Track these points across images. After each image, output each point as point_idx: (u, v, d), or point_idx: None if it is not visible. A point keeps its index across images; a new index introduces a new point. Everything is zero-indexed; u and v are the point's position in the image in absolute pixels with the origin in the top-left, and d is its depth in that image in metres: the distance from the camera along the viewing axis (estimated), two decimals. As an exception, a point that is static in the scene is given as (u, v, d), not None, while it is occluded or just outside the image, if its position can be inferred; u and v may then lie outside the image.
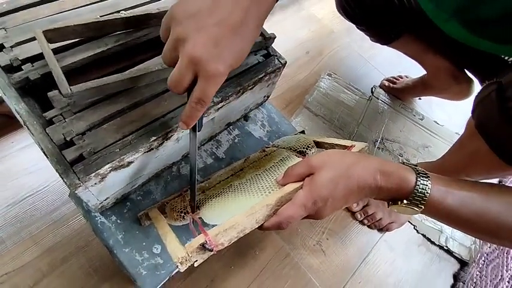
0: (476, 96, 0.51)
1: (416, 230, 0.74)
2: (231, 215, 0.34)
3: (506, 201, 0.33)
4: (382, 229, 0.71)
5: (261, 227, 0.35)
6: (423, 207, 0.33)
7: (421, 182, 0.33)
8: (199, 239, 0.31)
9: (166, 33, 0.30)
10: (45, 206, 0.56)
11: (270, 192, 0.38)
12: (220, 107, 0.47)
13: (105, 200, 0.43)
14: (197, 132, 0.37)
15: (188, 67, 0.28)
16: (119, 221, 0.45)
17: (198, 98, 0.30)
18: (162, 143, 0.42)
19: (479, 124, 0.49)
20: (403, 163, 0.36)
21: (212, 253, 0.32)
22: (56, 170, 0.35)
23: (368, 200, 0.71)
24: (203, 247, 0.31)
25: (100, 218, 0.44)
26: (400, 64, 0.98)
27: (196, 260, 0.31)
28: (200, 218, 0.41)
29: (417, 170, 0.34)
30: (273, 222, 0.34)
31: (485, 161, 0.51)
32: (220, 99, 0.45)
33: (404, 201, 0.33)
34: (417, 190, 0.32)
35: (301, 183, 0.35)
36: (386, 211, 0.70)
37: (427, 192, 0.32)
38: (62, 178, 0.34)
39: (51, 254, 0.53)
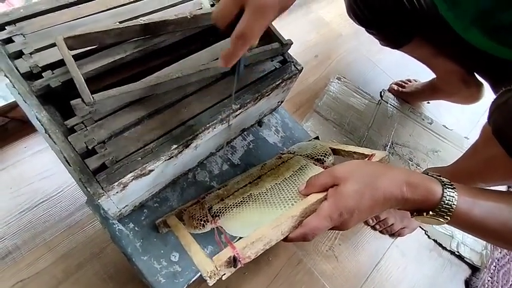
0: (493, 103, 0.51)
1: (427, 235, 0.74)
2: (255, 226, 0.33)
3: None
4: (394, 234, 0.71)
5: (286, 239, 0.34)
6: (449, 218, 0.32)
7: (448, 193, 0.32)
8: (227, 252, 0.31)
9: None
10: (59, 212, 0.56)
11: (293, 204, 0.37)
12: (238, 114, 0.47)
13: (124, 207, 0.43)
14: (236, 77, 0.35)
15: None
16: (136, 228, 0.45)
17: (241, 33, 0.28)
18: (182, 151, 0.41)
19: (497, 130, 0.49)
20: (427, 173, 0.36)
21: (239, 266, 0.31)
22: (79, 179, 0.35)
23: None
24: (231, 260, 0.30)
25: (118, 226, 0.44)
26: (408, 68, 0.98)
27: (225, 274, 0.31)
28: (221, 227, 0.41)
29: (443, 181, 0.34)
30: (298, 233, 0.33)
31: (501, 167, 0.51)
32: (238, 106, 0.45)
33: (430, 213, 0.32)
34: (444, 201, 0.32)
35: (325, 193, 0.35)
36: (398, 216, 0.70)
37: (453, 204, 0.32)
38: (86, 187, 0.34)
39: (66, 261, 0.52)
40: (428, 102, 0.97)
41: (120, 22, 0.46)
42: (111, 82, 0.46)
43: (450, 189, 0.33)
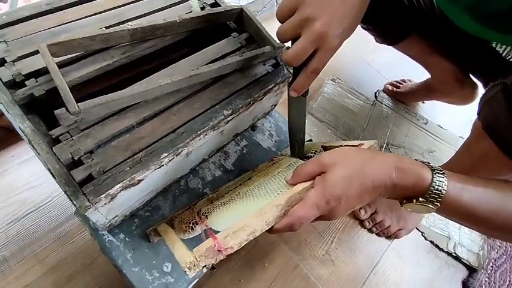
0: (482, 98, 0.51)
1: (424, 236, 0.73)
2: (240, 219, 0.32)
3: None
4: (390, 236, 0.70)
5: (271, 230, 0.33)
6: (439, 204, 0.31)
7: (438, 178, 0.32)
8: (208, 242, 0.30)
9: (289, 13, 0.35)
10: (49, 222, 0.54)
11: (279, 194, 0.36)
12: (230, 120, 0.46)
13: (113, 218, 0.41)
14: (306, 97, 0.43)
15: (314, 42, 0.33)
16: (127, 238, 0.44)
17: (316, 68, 0.36)
18: (172, 159, 0.40)
19: (487, 125, 0.49)
20: (416, 160, 0.35)
21: (221, 258, 0.30)
22: (65, 192, 0.33)
23: (376, 208, 0.70)
24: (212, 251, 0.29)
25: (108, 237, 0.43)
26: (402, 68, 0.97)
27: (205, 266, 0.30)
28: (210, 227, 0.40)
29: (432, 167, 0.33)
30: (284, 223, 0.32)
31: (494, 162, 0.50)
32: (230, 111, 0.44)
33: (420, 199, 0.32)
34: (433, 187, 0.31)
35: (311, 182, 0.34)
36: (395, 218, 0.70)
37: (443, 189, 0.31)
38: (71, 200, 0.33)
39: (56, 273, 0.51)
40: (423, 102, 0.97)
41: (107, 27, 0.44)
42: (99, 89, 0.44)
43: (440, 175, 0.32)
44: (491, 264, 0.73)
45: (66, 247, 0.53)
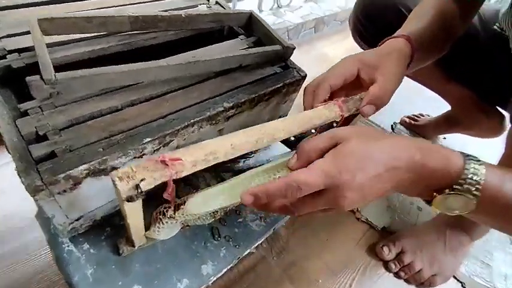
0: None
1: (464, 287, 0.59)
2: (216, 199, 0.30)
3: None
4: (423, 284, 0.57)
5: (260, 207, 0.26)
6: (479, 193, 0.25)
7: (472, 163, 0.26)
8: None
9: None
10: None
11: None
12: (232, 115, 0.40)
13: (77, 220, 0.33)
14: None
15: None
16: (92, 250, 0.35)
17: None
18: (158, 149, 0.34)
19: None
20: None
21: (169, 174, 0.25)
22: (15, 168, 0.27)
23: (402, 246, 0.58)
24: (153, 162, 0.25)
25: (68, 246, 0.34)
26: (418, 101, 0.93)
27: (144, 179, 0.24)
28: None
29: (464, 153, 0.27)
30: (277, 184, 0.25)
31: None
32: (231, 104, 0.38)
33: (454, 187, 0.25)
34: (468, 170, 0.25)
35: None
36: (427, 260, 0.57)
37: (481, 174, 0.25)
38: (20, 178, 0.26)
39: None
40: (445, 138, 0.90)
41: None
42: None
43: (474, 160, 0.26)
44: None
45: (22, 265, 0.43)
